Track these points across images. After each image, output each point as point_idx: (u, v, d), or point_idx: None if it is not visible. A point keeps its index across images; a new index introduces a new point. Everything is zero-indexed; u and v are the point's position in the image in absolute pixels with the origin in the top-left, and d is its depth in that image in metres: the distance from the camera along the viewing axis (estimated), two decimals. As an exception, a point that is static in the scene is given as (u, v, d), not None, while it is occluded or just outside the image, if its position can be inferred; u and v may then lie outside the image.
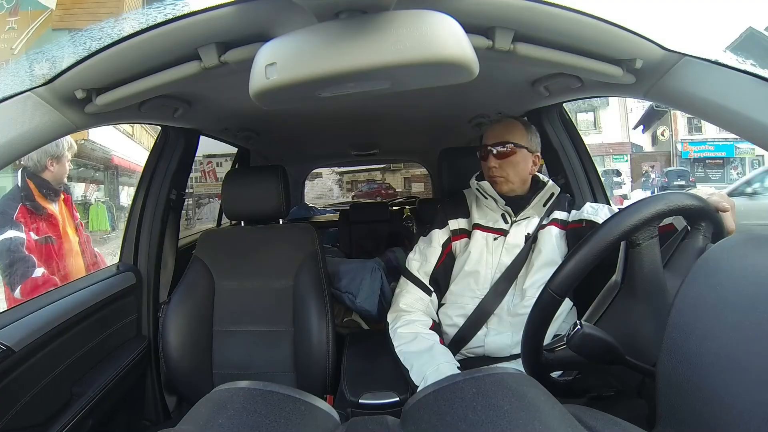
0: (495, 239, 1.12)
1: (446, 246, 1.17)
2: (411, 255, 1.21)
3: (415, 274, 1.17)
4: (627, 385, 0.63)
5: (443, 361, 1.00)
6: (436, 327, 1.13)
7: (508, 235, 1.11)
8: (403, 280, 1.19)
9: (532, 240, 1.10)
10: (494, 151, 1.11)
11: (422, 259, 1.18)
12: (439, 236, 1.18)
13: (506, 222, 1.13)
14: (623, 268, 0.66)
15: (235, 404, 0.45)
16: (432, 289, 1.16)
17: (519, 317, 1.05)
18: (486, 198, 1.13)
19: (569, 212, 1.12)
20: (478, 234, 1.14)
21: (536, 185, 1.15)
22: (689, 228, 0.68)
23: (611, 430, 0.42)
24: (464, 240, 1.16)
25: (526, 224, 1.12)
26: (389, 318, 1.15)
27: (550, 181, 1.14)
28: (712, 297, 0.46)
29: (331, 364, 1.18)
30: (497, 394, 0.43)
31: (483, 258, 1.11)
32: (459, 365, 1.03)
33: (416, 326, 1.10)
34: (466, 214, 1.18)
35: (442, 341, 1.09)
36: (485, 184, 1.13)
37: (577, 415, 0.43)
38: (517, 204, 1.12)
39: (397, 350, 1.07)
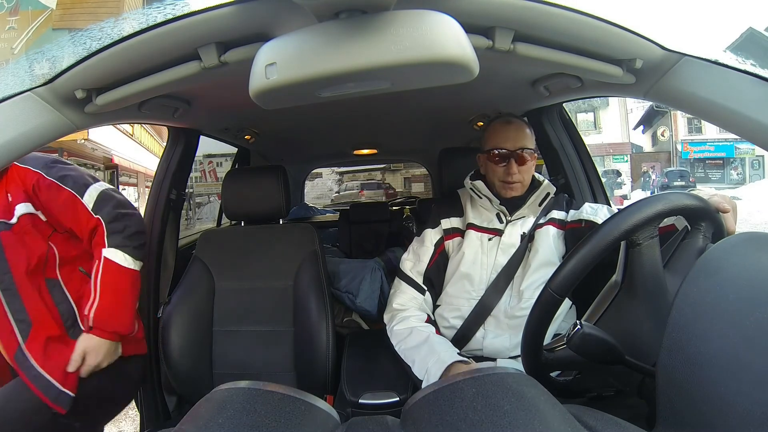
0: (490, 239, 1.12)
1: (439, 245, 1.17)
2: (404, 255, 1.22)
3: (408, 273, 1.17)
4: (627, 385, 0.63)
5: (442, 350, 0.99)
6: (431, 322, 1.14)
7: (504, 234, 1.11)
8: (397, 280, 1.20)
9: (528, 239, 1.09)
10: (517, 157, 1.08)
11: (415, 259, 1.18)
12: (431, 236, 1.18)
13: (501, 222, 1.12)
14: (623, 268, 0.65)
15: (235, 404, 0.44)
16: (425, 288, 1.16)
17: (517, 319, 1.04)
18: (480, 198, 1.13)
19: (567, 212, 1.12)
20: (472, 234, 1.13)
21: (532, 185, 1.15)
22: (689, 228, 0.68)
23: (611, 430, 0.42)
24: (457, 239, 1.16)
25: (522, 224, 1.11)
26: (385, 319, 1.16)
27: (546, 181, 1.14)
28: (712, 297, 0.46)
29: (331, 364, 1.18)
30: (497, 394, 0.42)
31: (478, 259, 1.11)
32: (459, 351, 1.02)
33: (411, 321, 1.10)
34: (460, 213, 1.18)
35: (438, 332, 1.09)
36: (479, 183, 1.12)
37: (577, 415, 0.43)
38: (512, 203, 1.11)
39: (396, 348, 1.08)
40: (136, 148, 9.75)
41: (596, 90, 1.02)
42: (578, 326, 0.57)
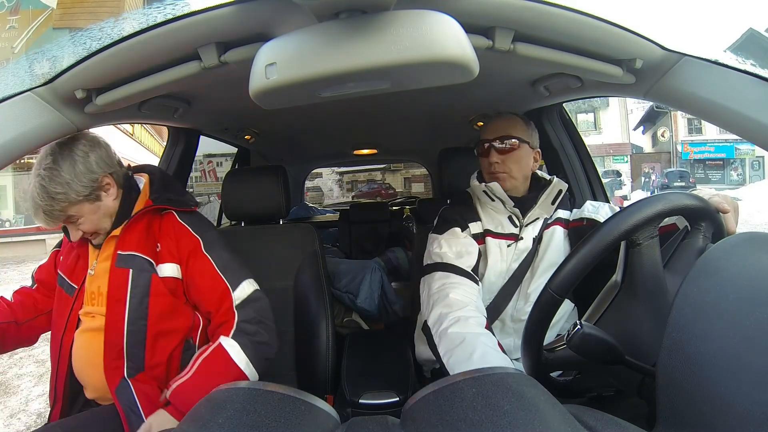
0: (509, 246, 1.07)
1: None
2: (438, 249, 1.05)
3: (455, 263, 1.01)
4: (627, 385, 0.63)
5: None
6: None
7: (521, 240, 1.06)
8: (439, 273, 1.01)
9: (537, 241, 1.07)
10: (497, 146, 1.05)
11: (462, 251, 1.03)
12: (468, 235, 1.08)
13: (515, 225, 1.08)
14: (623, 268, 0.65)
15: (235, 404, 0.44)
16: (477, 278, 1.03)
17: (522, 323, 0.99)
18: (493, 200, 1.07)
19: (571, 211, 1.11)
20: (491, 242, 1.07)
21: (536, 183, 1.11)
22: (689, 228, 0.68)
23: (611, 430, 0.42)
24: (482, 246, 1.09)
25: (533, 226, 1.08)
26: (431, 318, 0.95)
27: (555, 178, 1.10)
28: (712, 297, 0.46)
29: (331, 364, 1.18)
30: (497, 394, 0.42)
31: (497, 266, 1.07)
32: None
33: (470, 324, 0.90)
34: (477, 217, 1.11)
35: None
36: (495, 185, 1.05)
37: (577, 415, 0.42)
38: (523, 205, 1.07)
39: (443, 357, 0.88)
40: (136, 148, 9.76)
41: (596, 90, 1.02)
42: (578, 326, 0.57)
